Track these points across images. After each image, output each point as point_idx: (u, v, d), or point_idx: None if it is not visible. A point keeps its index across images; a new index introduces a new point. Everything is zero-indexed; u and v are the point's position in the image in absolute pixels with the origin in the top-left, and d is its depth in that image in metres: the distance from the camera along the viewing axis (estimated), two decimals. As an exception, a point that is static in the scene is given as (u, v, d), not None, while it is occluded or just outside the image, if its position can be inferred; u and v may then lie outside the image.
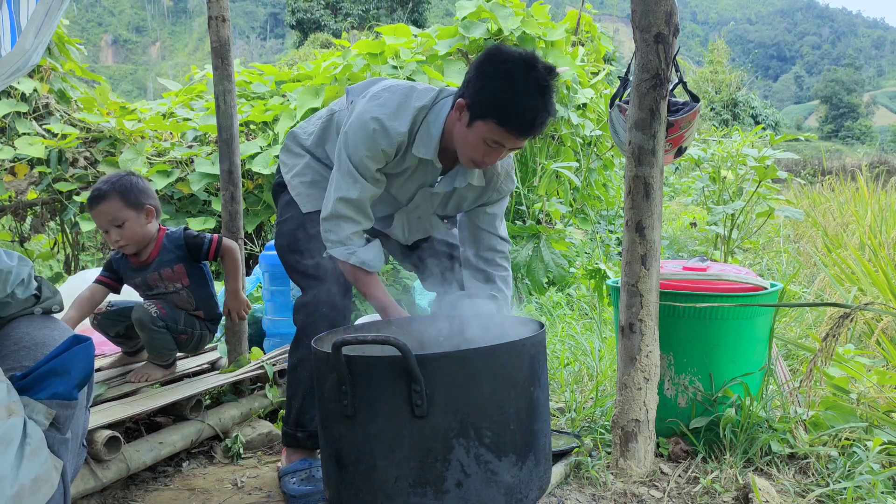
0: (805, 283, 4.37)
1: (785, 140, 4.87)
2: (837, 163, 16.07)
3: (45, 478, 1.09)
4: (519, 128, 1.71)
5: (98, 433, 1.81)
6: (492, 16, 4.74)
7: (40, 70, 4.77)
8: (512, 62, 1.70)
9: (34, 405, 1.13)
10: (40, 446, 1.10)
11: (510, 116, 1.70)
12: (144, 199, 2.25)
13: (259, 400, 2.43)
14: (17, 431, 1.06)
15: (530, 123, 1.71)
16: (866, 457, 1.78)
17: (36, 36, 1.84)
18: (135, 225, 2.23)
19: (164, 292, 2.36)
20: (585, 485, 1.86)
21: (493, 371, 1.40)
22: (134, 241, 2.25)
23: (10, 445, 1.04)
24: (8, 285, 1.29)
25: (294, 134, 2.13)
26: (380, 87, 1.91)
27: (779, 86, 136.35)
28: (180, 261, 2.34)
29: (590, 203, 5.67)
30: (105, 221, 2.21)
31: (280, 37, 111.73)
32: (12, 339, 1.29)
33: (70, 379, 1.18)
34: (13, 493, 1.03)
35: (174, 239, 2.35)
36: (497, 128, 1.72)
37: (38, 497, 1.07)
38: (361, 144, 1.80)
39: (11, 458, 1.04)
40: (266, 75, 5.70)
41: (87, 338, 1.22)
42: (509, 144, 1.76)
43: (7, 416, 1.05)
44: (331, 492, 1.50)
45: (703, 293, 2.01)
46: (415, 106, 1.84)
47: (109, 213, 2.19)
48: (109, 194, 2.20)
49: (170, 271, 2.33)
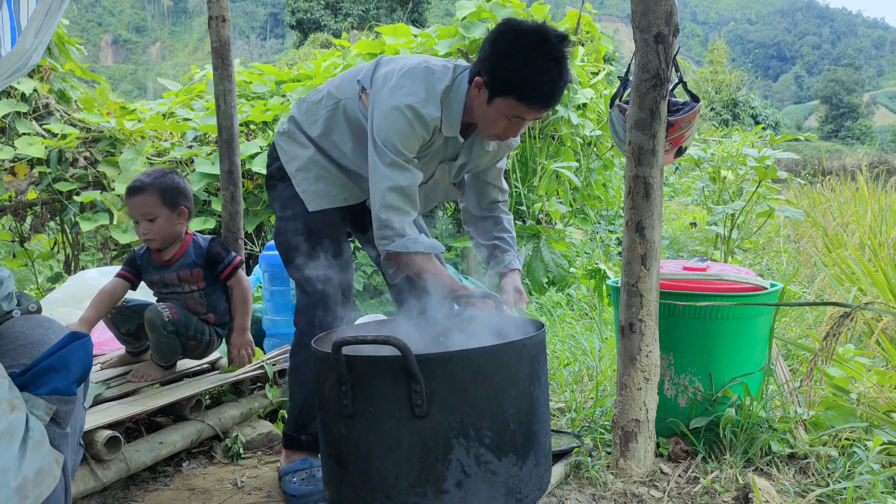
0: (805, 283, 4.37)
1: (785, 140, 4.87)
2: (837, 163, 16.07)
3: (48, 470, 1.11)
4: (539, 102, 1.77)
5: (98, 433, 1.81)
6: (492, 16, 4.74)
7: (40, 70, 4.77)
8: (525, 37, 1.73)
9: (35, 401, 1.15)
10: (42, 440, 1.12)
11: (529, 92, 1.74)
12: (181, 200, 2.31)
13: (259, 400, 2.43)
14: (20, 425, 1.08)
15: (549, 96, 1.76)
16: (866, 457, 1.78)
17: (36, 36, 1.84)
18: (166, 222, 2.29)
19: (179, 292, 2.38)
20: (585, 485, 1.86)
21: (493, 371, 1.40)
22: (161, 236, 2.30)
23: (13, 439, 1.06)
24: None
25: (295, 119, 2.05)
26: (398, 74, 1.86)
27: (779, 86, 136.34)
28: (200, 266, 2.37)
29: (590, 203, 5.67)
30: (138, 213, 2.27)
31: (280, 37, 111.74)
32: (7, 338, 1.31)
33: (69, 374, 1.20)
34: (17, 484, 1.05)
35: (200, 246, 2.38)
36: (517, 104, 1.76)
37: (41, 489, 1.09)
38: (402, 134, 1.79)
39: (15, 451, 1.05)
40: (266, 75, 5.70)
41: (84, 334, 1.24)
42: (530, 117, 1.82)
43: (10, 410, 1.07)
44: (331, 492, 1.50)
45: (703, 293, 2.01)
46: (440, 89, 1.84)
47: (145, 206, 2.26)
48: (149, 188, 2.26)
49: (188, 273, 2.36)
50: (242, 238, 2.68)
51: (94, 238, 4.96)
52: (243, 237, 2.69)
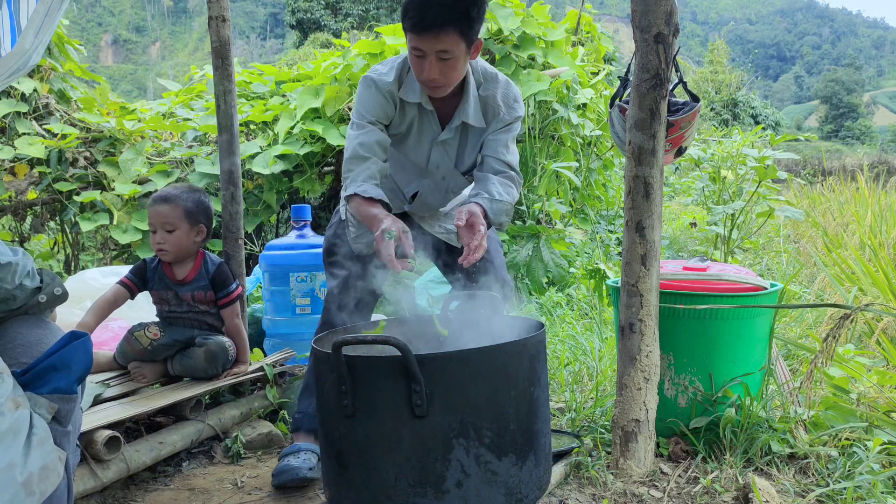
0: (805, 283, 4.37)
1: (785, 140, 4.87)
2: (837, 163, 16.07)
3: (52, 467, 1.14)
4: (411, 24, 1.84)
5: (98, 433, 1.81)
6: (492, 16, 4.74)
7: (40, 70, 4.76)
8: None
9: (37, 399, 1.17)
10: (46, 437, 1.14)
11: (404, 17, 1.87)
12: (202, 219, 2.33)
13: (259, 400, 2.43)
14: (25, 422, 1.10)
15: (417, 17, 1.83)
16: (866, 457, 1.78)
17: (36, 36, 1.84)
18: (184, 236, 2.29)
19: (196, 311, 2.36)
20: (585, 485, 1.86)
21: (493, 371, 1.40)
22: (175, 249, 2.30)
23: (18, 435, 1.08)
24: (17, 277, 1.33)
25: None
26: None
27: (779, 86, 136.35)
28: (212, 288, 2.36)
29: (590, 203, 5.67)
30: (159, 222, 2.28)
31: (280, 37, 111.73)
32: (6, 337, 1.33)
33: (70, 374, 1.22)
34: (23, 480, 1.07)
35: (210, 267, 2.37)
36: (407, 34, 1.88)
37: (46, 485, 1.12)
38: (362, 99, 2.02)
39: (20, 448, 1.08)
40: (266, 75, 5.70)
41: (84, 333, 1.25)
42: (422, 46, 1.85)
43: (14, 408, 1.10)
44: (331, 492, 1.50)
45: (703, 293, 2.01)
46: (400, 59, 2.04)
47: (167, 216, 2.27)
48: (176, 200, 2.28)
49: (203, 295, 2.35)
50: (242, 238, 2.67)
51: (94, 238, 4.97)
52: (243, 237, 2.69)
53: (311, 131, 4.48)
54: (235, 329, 2.39)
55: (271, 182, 4.58)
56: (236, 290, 2.39)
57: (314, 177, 4.59)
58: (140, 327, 2.30)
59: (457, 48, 1.85)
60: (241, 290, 2.43)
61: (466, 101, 2.03)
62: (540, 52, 4.83)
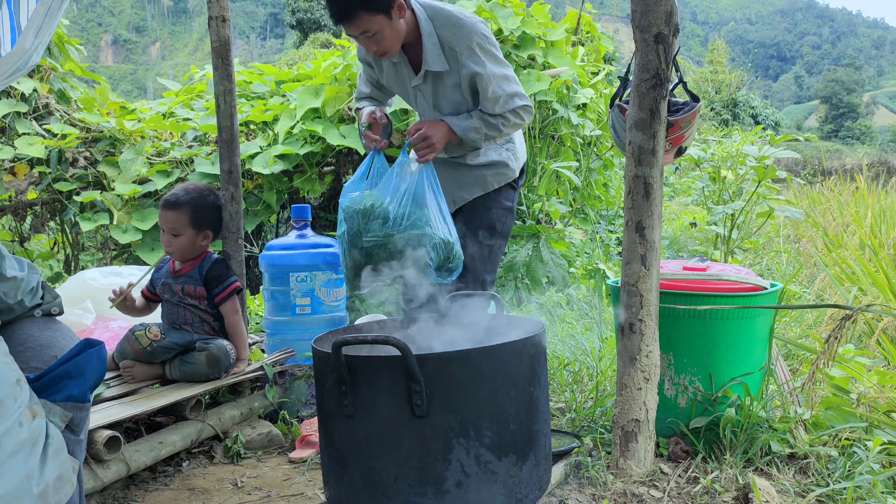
0: (805, 283, 4.37)
1: (785, 140, 4.87)
2: (837, 163, 16.06)
3: (67, 477, 1.11)
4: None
5: (98, 433, 1.81)
6: (492, 16, 4.74)
7: (40, 70, 4.76)
8: None
9: (51, 407, 1.15)
10: (61, 447, 1.12)
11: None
12: (209, 224, 2.37)
13: (259, 400, 2.43)
14: (41, 432, 1.08)
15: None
16: (866, 457, 1.78)
17: (36, 36, 1.84)
18: (188, 241, 2.33)
19: (185, 304, 2.36)
20: (585, 485, 1.86)
21: (493, 371, 1.40)
22: (181, 251, 2.34)
23: (35, 445, 1.06)
24: (20, 293, 1.33)
25: None
26: None
27: (779, 86, 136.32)
28: (204, 284, 2.36)
29: (590, 203, 5.66)
30: (166, 226, 2.33)
31: (280, 37, 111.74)
32: (16, 340, 1.31)
33: (85, 381, 1.20)
34: (39, 491, 1.05)
35: (206, 264, 2.38)
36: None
37: (61, 496, 1.10)
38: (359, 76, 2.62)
39: (37, 458, 1.06)
40: (266, 75, 5.69)
41: (98, 341, 1.23)
42: (349, 32, 2.15)
43: (31, 417, 1.07)
44: (331, 492, 1.50)
45: (703, 293, 2.01)
46: None
47: (174, 221, 2.31)
48: (183, 207, 2.32)
49: (192, 289, 2.35)
50: (242, 238, 2.67)
51: (94, 238, 4.96)
52: (243, 237, 2.69)
53: (311, 131, 4.48)
54: (235, 325, 2.38)
55: (271, 182, 4.58)
56: (233, 284, 2.38)
57: (314, 177, 4.59)
58: (141, 327, 2.29)
59: (374, 23, 2.10)
60: (238, 283, 2.42)
61: (426, 49, 2.25)
62: (540, 52, 4.82)
